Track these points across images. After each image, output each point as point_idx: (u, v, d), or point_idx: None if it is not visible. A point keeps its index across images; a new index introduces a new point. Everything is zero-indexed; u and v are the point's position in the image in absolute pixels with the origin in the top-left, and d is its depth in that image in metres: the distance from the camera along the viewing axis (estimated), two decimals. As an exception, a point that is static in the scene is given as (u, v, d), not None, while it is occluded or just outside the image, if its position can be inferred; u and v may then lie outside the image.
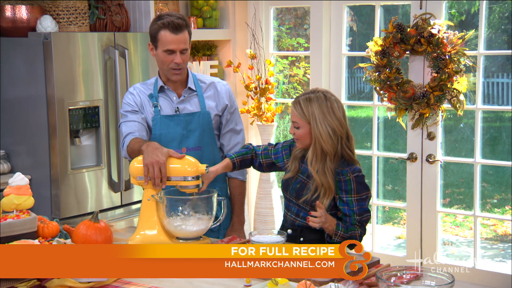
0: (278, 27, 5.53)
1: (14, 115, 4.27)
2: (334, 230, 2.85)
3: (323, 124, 2.85)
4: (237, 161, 3.12)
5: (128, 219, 4.40)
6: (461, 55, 4.28)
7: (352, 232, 2.87)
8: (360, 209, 2.89)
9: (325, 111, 2.87)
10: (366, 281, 2.37)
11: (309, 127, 2.88)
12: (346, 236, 2.84)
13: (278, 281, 2.23)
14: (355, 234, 2.87)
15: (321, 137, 2.85)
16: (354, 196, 2.89)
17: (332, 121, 2.86)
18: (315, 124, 2.86)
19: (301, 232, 2.96)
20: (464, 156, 5.13)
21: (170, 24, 3.06)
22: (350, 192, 2.89)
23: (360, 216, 2.89)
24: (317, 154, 2.88)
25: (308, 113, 2.87)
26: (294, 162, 3.02)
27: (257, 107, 5.09)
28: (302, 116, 2.89)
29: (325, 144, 2.86)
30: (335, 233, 2.85)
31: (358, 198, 2.89)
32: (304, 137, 2.92)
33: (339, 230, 2.85)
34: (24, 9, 4.22)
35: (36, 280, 2.37)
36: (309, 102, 2.88)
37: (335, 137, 2.87)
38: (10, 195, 2.67)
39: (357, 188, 2.89)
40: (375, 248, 4.92)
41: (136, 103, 3.22)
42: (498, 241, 5.50)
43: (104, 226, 2.67)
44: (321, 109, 2.86)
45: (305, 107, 2.88)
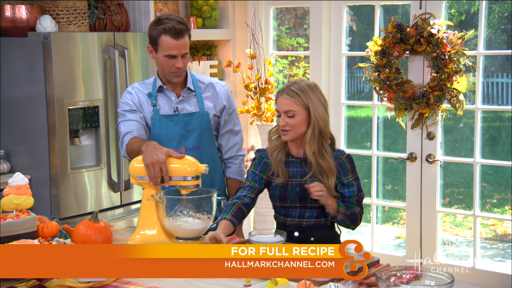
0: (277, 27, 5.53)
1: (14, 115, 4.27)
2: (336, 208, 2.90)
3: (320, 106, 2.93)
4: (231, 216, 2.90)
5: (127, 219, 4.40)
6: (461, 55, 4.28)
7: (352, 210, 2.95)
8: (358, 188, 3.00)
9: (318, 95, 2.95)
10: (365, 281, 2.37)
11: (305, 113, 2.91)
12: (348, 213, 2.92)
13: (278, 281, 2.23)
14: (355, 211, 2.95)
15: (321, 118, 2.92)
16: (351, 177, 2.98)
17: (324, 103, 2.96)
18: (314, 107, 2.91)
19: (310, 232, 2.96)
20: (464, 156, 5.13)
21: (171, 30, 3.07)
22: (347, 173, 2.98)
23: (358, 196, 2.98)
24: (315, 136, 2.92)
25: (306, 98, 2.91)
26: (279, 166, 3.00)
27: (257, 107, 5.09)
28: (300, 102, 2.90)
29: (324, 125, 2.93)
30: (338, 210, 2.90)
31: (355, 178, 3.00)
32: (299, 125, 2.92)
33: (341, 207, 2.91)
34: (24, 9, 4.22)
35: (36, 280, 2.37)
36: (303, 88, 2.93)
37: (327, 116, 2.97)
38: (10, 195, 2.67)
39: (351, 168, 2.99)
40: (375, 248, 4.92)
41: (134, 103, 3.22)
42: (497, 241, 5.50)
43: (104, 226, 2.67)
44: (314, 93, 2.94)
45: (301, 93, 2.92)
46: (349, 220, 2.93)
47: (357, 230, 3.22)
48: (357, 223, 2.98)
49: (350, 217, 2.93)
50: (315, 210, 2.95)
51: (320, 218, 2.97)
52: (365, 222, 5.45)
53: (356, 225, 2.98)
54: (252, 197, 3.01)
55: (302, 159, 2.99)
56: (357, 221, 2.97)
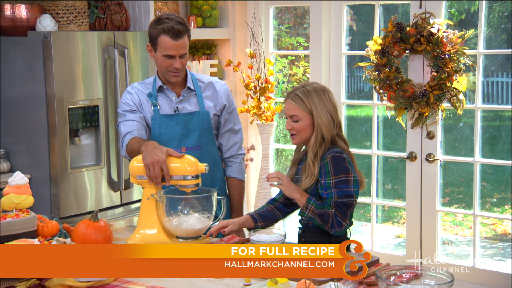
0: (277, 26, 5.53)
1: (14, 114, 4.27)
2: (305, 204, 2.84)
3: (324, 112, 2.91)
4: (255, 213, 3.02)
5: (127, 218, 4.40)
6: (461, 54, 4.28)
7: (324, 210, 2.82)
8: (340, 192, 2.84)
9: (324, 100, 2.93)
10: (365, 280, 2.37)
11: (310, 118, 2.91)
12: (317, 212, 2.82)
13: (277, 280, 2.23)
14: (327, 212, 2.81)
15: (323, 124, 2.90)
16: (332, 179, 2.85)
17: (329, 108, 2.93)
18: (317, 112, 2.90)
19: (303, 232, 2.97)
20: (464, 155, 5.13)
21: (170, 30, 3.07)
22: (328, 175, 2.86)
23: (339, 199, 2.83)
24: (317, 141, 2.92)
25: (309, 103, 2.91)
26: (292, 167, 3.07)
27: (257, 106, 5.09)
28: (303, 107, 2.91)
29: (326, 131, 2.91)
30: (306, 206, 2.84)
31: (337, 181, 2.85)
32: (304, 130, 2.93)
33: (310, 204, 2.84)
34: (24, 8, 4.22)
35: (36, 279, 2.37)
36: (307, 93, 2.92)
37: (333, 124, 2.93)
38: (10, 194, 2.67)
39: (334, 170, 2.85)
40: (375, 247, 4.92)
41: (134, 103, 3.22)
42: (497, 240, 5.50)
43: (104, 225, 2.67)
44: (320, 98, 2.92)
45: (305, 98, 2.91)
46: (320, 219, 2.82)
47: (357, 230, 3.21)
48: (328, 224, 2.82)
49: (321, 217, 2.82)
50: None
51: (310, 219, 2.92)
52: (365, 221, 5.45)
53: (329, 226, 2.82)
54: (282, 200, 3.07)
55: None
56: (329, 223, 2.81)
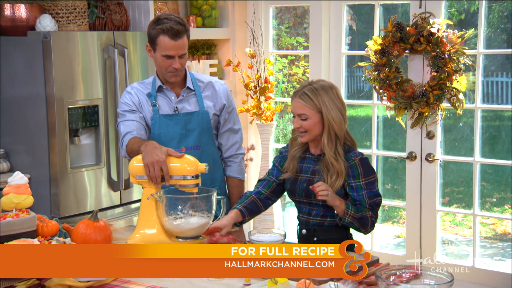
0: (277, 26, 5.53)
1: (14, 114, 4.27)
2: (344, 210, 2.83)
3: (334, 109, 2.90)
4: (241, 206, 3.01)
5: (127, 218, 4.40)
6: (461, 54, 4.28)
7: (363, 213, 2.86)
8: (370, 193, 2.89)
9: (333, 97, 2.91)
10: (365, 280, 2.37)
11: (319, 116, 2.90)
12: (357, 216, 2.84)
13: (277, 280, 2.23)
14: (366, 215, 2.86)
15: (334, 121, 2.89)
16: (362, 181, 2.89)
17: (339, 105, 2.92)
18: (327, 110, 2.88)
19: (314, 231, 2.97)
20: (464, 155, 5.13)
21: (170, 31, 3.07)
22: (358, 177, 2.89)
23: (371, 199, 2.89)
24: (331, 139, 2.90)
25: (318, 101, 2.89)
26: (292, 162, 3.03)
27: (257, 106, 5.09)
28: (312, 106, 2.89)
29: (338, 128, 2.90)
30: (346, 212, 2.84)
31: (367, 182, 2.90)
32: (313, 128, 2.91)
33: (349, 209, 2.84)
34: (24, 8, 4.22)
35: (35, 279, 2.36)
36: (316, 91, 2.90)
37: (344, 120, 2.93)
38: (10, 194, 2.67)
39: (364, 171, 2.90)
40: (375, 247, 4.92)
41: (134, 103, 3.22)
42: (497, 240, 5.50)
43: (104, 225, 2.67)
44: (328, 95, 2.90)
45: (313, 96, 2.89)
46: (359, 223, 2.86)
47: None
48: (367, 227, 2.89)
49: (360, 221, 2.86)
50: (322, 208, 2.94)
51: (326, 217, 2.94)
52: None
53: (366, 229, 2.89)
54: (267, 194, 3.06)
55: (316, 156, 2.99)
56: (368, 225, 2.88)
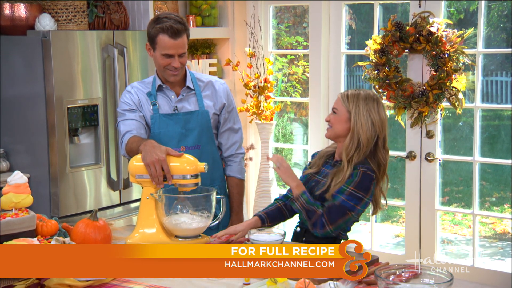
0: (277, 25, 5.53)
1: (13, 114, 4.27)
2: (298, 195, 2.87)
3: (365, 115, 2.89)
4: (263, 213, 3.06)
5: (127, 218, 4.40)
6: (460, 54, 4.28)
7: (314, 208, 2.84)
8: (344, 202, 2.82)
9: (370, 107, 2.91)
10: (365, 279, 2.37)
11: (347, 115, 2.92)
12: (305, 207, 2.84)
13: (277, 280, 2.23)
14: (315, 211, 2.83)
15: (362, 129, 2.88)
16: (350, 188, 2.84)
17: (374, 116, 2.90)
18: (357, 112, 2.89)
19: (305, 232, 2.98)
20: (463, 154, 5.13)
21: (169, 29, 3.07)
22: (350, 183, 2.85)
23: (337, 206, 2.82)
24: (353, 143, 2.90)
25: (352, 103, 2.91)
26: (320, 160, 3.08)
27: (256, 105, 5.09)
28: (345, 103, 2.93)
29: (364, 135, 2.88)
30: (298, 198, 2.87)
31: (352, 192, 2.84)
32: (338, 123, 2.94)
33: (303, 197, 2.86)
34: (23, 8, 4.22)
35: (35, 279, 2.36)
36: (356, 95, 2.93)
37: (374, 131, 2.90)
38: (9, 194, 2.67)
39: (358, 183, 2.84)
40: (374, 247, 4.92)
41: (134, 102, 3.22)
42: (496, 239, 5.51)
43: (103, 224, 2.67)
44: (366, 103, 2.91)
45: (351, 97, 2.93)
46: (306, 214, 2.85)
47: (356, 229, 3.21)
48: (312, 222, 2.83)
49: (308, 212, 2.84)
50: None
51: None
52: (364, 221, 5.45)
53: (312, 224, 2.84)
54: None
55: (334, 162, 3.02)
56: (312, 220, 2.83)
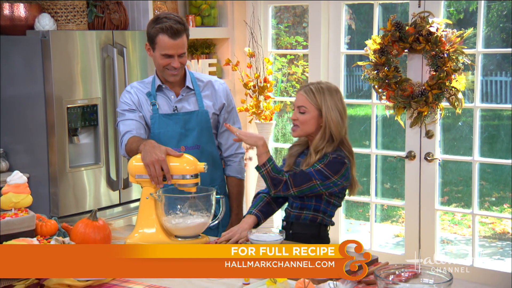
0: (276, 25, 5.53)
1: (13, 114, 4.27)
2: (264, 162, 2.92)
3: (334, 110, 2.96)
4: (257, 212, 3.07)
5: (126, 217, 4.40)
6: (460, 53, 4.28)
7: (279, 176, 2.92)
8: (310, 172, 2.90)
9: (335, 99, 2.98)
10: (364, 279, 2.37)
11: (316, 113, 2.96)
12: (272, 175, 2.91)
13: (276, 280, 2.23)
14: (280, 178, 2.91)
15: (332, 122, 2.94)
16: (319, 165, 2.92)
17: (339, 107, 2.98)
18: (327, 109, 2.95)
19: (291, 224, 3.02)
20: (463, 154, 5.13)
21: (169, 30, 3.07)
22: (320, 162, 2.92)
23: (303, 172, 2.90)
24: (325, 138, 2.96)
25: (321, 100, 2.96)
26: (289, 159, 3.10)
27: (256, 105, 5.09)
28: (313, 102, 2.96)
29: (335, 129, 2.95)
30: (264, 164, 2.92)
31: (320, 169, 2.91)
32: (307, 123, 2.97)
33: (268, 164, 2.92)
34: (22, 7, 4.22)
35: (34, 279, 2.36)
36: (321, 90, 2.97)
37: (342, 122, 2.98)
38: (9, 193, 2.67)
39: (328, 164, 2.91)
40: (374, 246, 4.92)
41: (133, 102, 3.22)
42: (496, 239, 5.51)
43: (103, 224, 2.67)
44: (332, 97, 2.97)
45: (317, 94, 2.96)
46: (271, 181, 2.92)
47: (355, 229, 3.22)
48: (277, 188, 2.92)
49: (273, 179, 2.91)
50: (299, 201, 3.00)
51: (303, 210, 2.99)
52: (364, 221, 5.45)
53: (276, 190, 2.93)
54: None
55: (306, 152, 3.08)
56: (278, 187, 2.92)
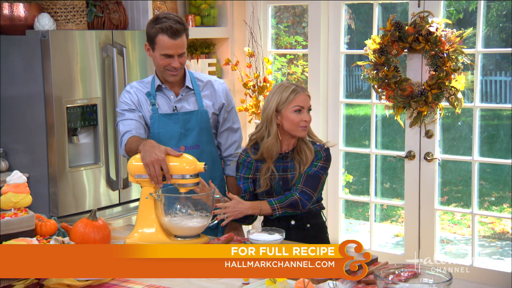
0: (276, 25, 5.53)
1: (12, 113, 4.27)
2: (269, 208, 2.99)
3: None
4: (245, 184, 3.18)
5: (126, 217, 4.40)
6: (459, 53, 4.29)
7: (289, 200, 3.00)
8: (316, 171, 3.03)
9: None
10: (364, 279, 2.37)
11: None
12: (285, 205, 2.99)
13: (276, 279, 2.23)
14: (293, 200, 2.99)
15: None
16: (320, 162, 3.07)
17: None
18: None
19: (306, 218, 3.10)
20: (462, 154, 5.13)
21: (169, 30, 3.07)
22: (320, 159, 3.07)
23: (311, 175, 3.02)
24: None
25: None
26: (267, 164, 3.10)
27: (255, 105, 5.09)
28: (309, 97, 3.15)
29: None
30: (273, 209, 2.99)
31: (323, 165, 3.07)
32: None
33: (274, 204, 2.99)
34: (22, 7, 4.22)
35: (34, 279, 2.36)
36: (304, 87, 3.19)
37: None
38: (8, 193, 2.67)
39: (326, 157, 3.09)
40: (373, 246, 4.92)
41: (133, 102, 3.22)
42: (496, 239, 5.51)
43: (102, 224, 2.67)
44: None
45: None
46: (291, 208, 3.01)
47: (355, 229, 3.23)
48: (299, 208, 3.00)
49: (290, 206, 3.00)
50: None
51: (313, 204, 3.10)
52: (364, 220, 5.45)
53: (300, 209, 3.01)
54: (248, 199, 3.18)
55: (284, 154, 3.10)
56: (299, 206, 3.00)
